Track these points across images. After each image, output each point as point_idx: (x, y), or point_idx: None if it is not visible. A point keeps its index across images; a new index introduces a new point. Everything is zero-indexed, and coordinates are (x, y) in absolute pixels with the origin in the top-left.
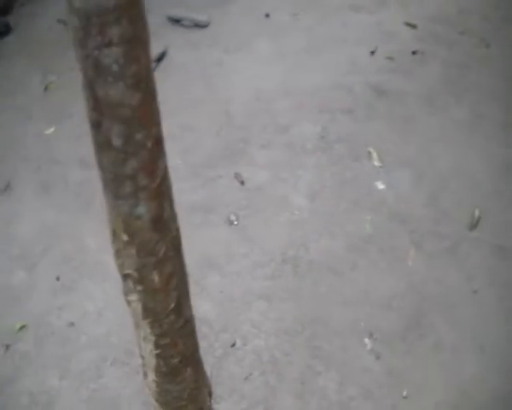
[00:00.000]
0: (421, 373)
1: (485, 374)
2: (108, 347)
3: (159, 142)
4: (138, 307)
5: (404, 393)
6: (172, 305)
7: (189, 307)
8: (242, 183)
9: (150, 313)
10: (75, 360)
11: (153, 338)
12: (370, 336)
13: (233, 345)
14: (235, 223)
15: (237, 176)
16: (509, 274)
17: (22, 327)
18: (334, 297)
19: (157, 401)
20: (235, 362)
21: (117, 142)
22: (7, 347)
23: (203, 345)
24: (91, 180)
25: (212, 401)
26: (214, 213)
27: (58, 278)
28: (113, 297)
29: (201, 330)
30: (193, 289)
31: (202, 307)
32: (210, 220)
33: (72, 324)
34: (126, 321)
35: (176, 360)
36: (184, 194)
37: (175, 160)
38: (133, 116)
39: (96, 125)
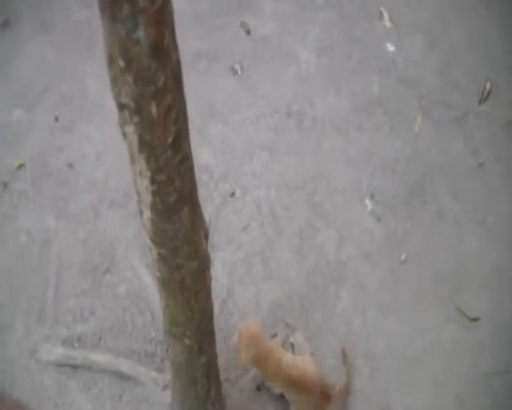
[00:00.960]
0: (421, 240)
1: (485, 248)
2: (106, 189)
3: None
4: (134, 139)
5: (403, 257)
6: (170, 140)
7: (188, 144)
8: (248, 32)
9: (146, 147)
10: (73, 201)
11: (149, 174)
12: (372, 197)
13: (232, 195)
14: (240, 72)
15: (243, 25)
16: None
17: (20, 166)
18: (338, 155)
19: (152, 240)
20: (233, 212)
21: None
22: (5, 185)
23: (202, 193)
24: (93, 20)
25: (210, 249)
26: (218, 61)
27: (57, 119)
28: (112, 140)
29: (201, 178)
30: (194, 137)
31: (203, 155)
32: (214, 69)
33: (70, 165)
34: (125, 165)
35: (172, 199)
36: (188, 41)
37: (180, 4)
38: None
39: None
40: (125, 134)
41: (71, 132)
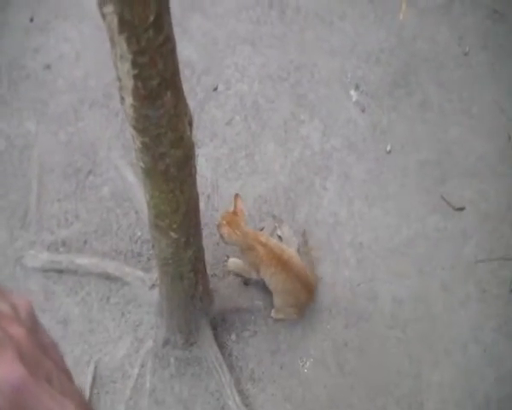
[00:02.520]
0: (405, 130)
1: (469, 137)
2: (86, 90)
3: None
4: (114, 20)
5: (388, 148)
6: (151, 18)
7: (170, 25)
8: None
9: (127, 27)
10: (52, 104)
11: (130, 56)
12: (356, 88)
13: (215, 89)
14: None
15: None
16: (501, 38)
17: None
18: (321, 46)
19: (135, 128)
20: (217, 106)
21: None
22: None
23: (185, 89)
24: None
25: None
26: None
27: (32, 19)
28: (91, 39)
29: (183, 73)
30: (175, 30)
31: (185, 50)
32: None
33: (47, 66)
34: (105, 63)
35: (155, 82)
36: None
37: None
38: None
39: None
40: (104, 15)
41: (47, 32)
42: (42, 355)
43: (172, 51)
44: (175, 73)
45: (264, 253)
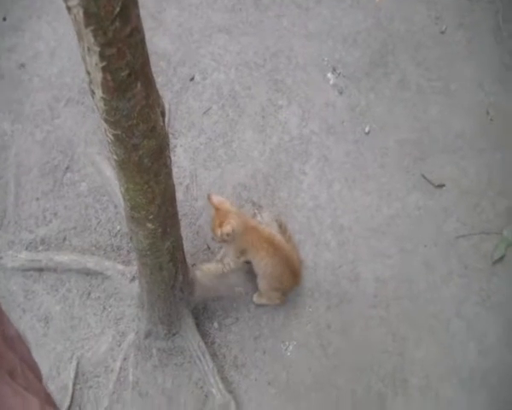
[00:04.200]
0: (384, 110)
1: (448, 115)
2: (62, 87)
3: None
4: (79, 12)
5: (367, 129)
6: (117, 9)
7: (138, 15)
8: None
9: (93, 20)
10: (28, 103)
11: (97, 49)
12: (334, 70)
13: (192, 79)
14: None
15: None
16: (477, 16)
17: None
18: (298, 31)
19: (107, 121)
20: (194, 97)
21: None
22: None
23: (161, 81)
24: None
25: (171, 136)
26: None
27: (5, 19)
28: (65, 36)
29: (159, 65)
30: (149, 23)
31: (160, 42)
32: None
33: (22, 65)
34: (80, 60)
35: (124, 74)
36: None
37: None
38: None
39: None
40: (69, 8)
41: (21, 32)
42: (5, 348)
43: (141, 42)
44: (145, 64)
45: (256, 236)
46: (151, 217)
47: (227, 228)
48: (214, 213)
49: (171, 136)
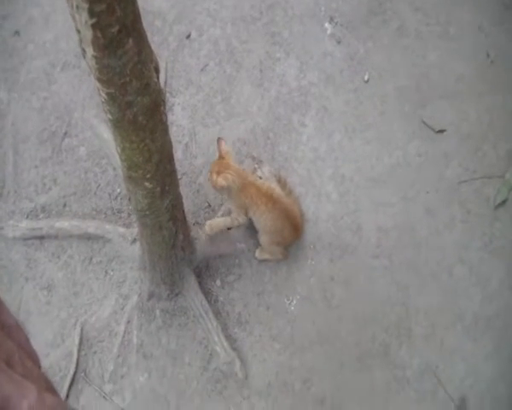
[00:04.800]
0: (383, 58)
1: (447, 59)
2: (57, 52)
3: None
4: None
5: (366, 77)
6: None
7: None
8: None
9: None
10: (23, 71)
11: (86, 5)
12: (331, 20)
13: (188, 36)
14: None
15: None
16: None
17: None
18: None
19: (99, 80)
20: (190, 54)
21: None
22: None
23: (157, 40)
24: None
25: (169, 94)
26: None
27: None
28: (59, 1)
29: (155, 24)
30: None
31: (155, 0)
32: None
33: (17, 32)
34: None
35: (114, 30)
36: None
37: None
38: None
39: None
40: None
41: None
42: (2, 336)
43: None
44: (136, 19)
45: (255, 191)
46: (148, 176)
47: (221, 181)
48: (217, 160)
49: (168, 94)
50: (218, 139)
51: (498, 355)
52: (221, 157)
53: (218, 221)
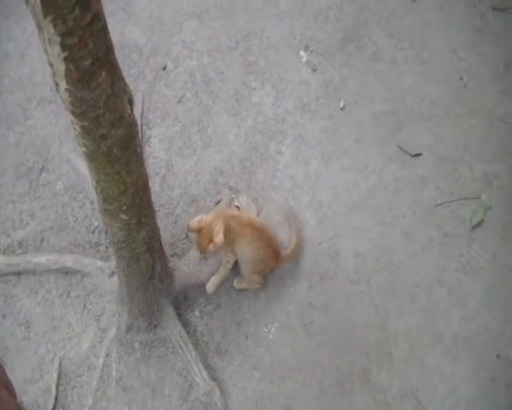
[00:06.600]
0: (358, 84)
1: (422, 83)
2: (33, 87)
3: None
4: (37, 2)
5: (342, 104)
6: None
7: (98, 1)
8: None
9: (51, 9)
10: None
11: (58, 39)
12: (306, 48)
13: (164, 68)
14: None
15: None
16: None
17: None
18: (269, 11)
19: (73, 113)
20: (167, 85)
21: None
22: None
23: (133, 72)
24: None
25: (145, 127)
26: None
27: None
28: (34, 35)
29: (131, 57)
30: (120, 16)
31: (131, 34)
32: None
33: None
34: None
35: (87, 63)
36: None
37: None
38: None
39: None
40: (26, 0)
41: None
42: None
43: (103, 29)
44: (108, 52)
45: (237, 224)
46: (124, 208)
47: (219, 238)
48: (198, 236)
49: (145, 127)
50: (187, 227)
51: (478, 376)
52: (199, 230)
53: (216, 279)
